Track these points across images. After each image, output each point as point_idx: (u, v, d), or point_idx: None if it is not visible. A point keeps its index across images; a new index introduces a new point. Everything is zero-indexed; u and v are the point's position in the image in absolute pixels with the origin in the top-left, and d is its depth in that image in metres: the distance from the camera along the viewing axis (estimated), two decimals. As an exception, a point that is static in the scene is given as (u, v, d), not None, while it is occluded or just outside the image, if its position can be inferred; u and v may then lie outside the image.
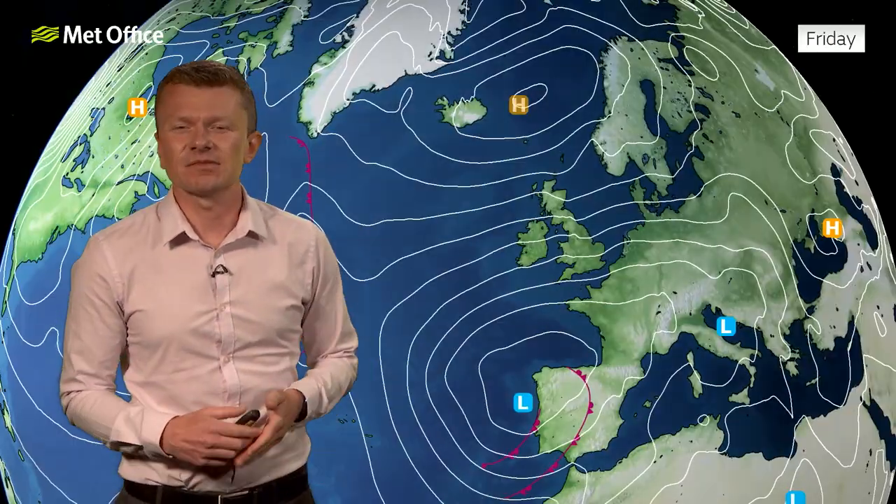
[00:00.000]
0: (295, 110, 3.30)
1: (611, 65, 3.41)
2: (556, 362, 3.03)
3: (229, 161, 1.50)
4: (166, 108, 1.49)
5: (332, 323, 1.72)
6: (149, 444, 1.47)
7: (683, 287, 3.06)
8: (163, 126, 1.50)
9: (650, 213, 3.08)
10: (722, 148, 3.43)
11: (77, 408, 1.53)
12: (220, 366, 1.52)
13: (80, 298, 1.51)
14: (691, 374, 3.07)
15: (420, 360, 3.01)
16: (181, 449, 1.44)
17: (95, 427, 1.52)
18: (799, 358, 3.35)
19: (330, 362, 1.74)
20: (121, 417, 1.48)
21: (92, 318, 1.50)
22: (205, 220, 1.53)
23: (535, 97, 3.28)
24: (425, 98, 3.24)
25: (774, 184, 3.47)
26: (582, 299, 3.06)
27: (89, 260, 1.52)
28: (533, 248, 2.98)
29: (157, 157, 3.49)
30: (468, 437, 3.06)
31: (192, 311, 1.50)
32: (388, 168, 3.09)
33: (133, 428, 1.47)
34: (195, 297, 1.51)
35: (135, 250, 1.50)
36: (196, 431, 1.43)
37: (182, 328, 1.50)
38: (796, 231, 3.49)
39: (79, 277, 1.53)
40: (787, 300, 3.37)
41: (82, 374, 1.52)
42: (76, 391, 1.53)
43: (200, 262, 1.52)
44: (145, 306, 1.49)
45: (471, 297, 3.00)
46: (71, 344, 1.53)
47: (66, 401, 1.54)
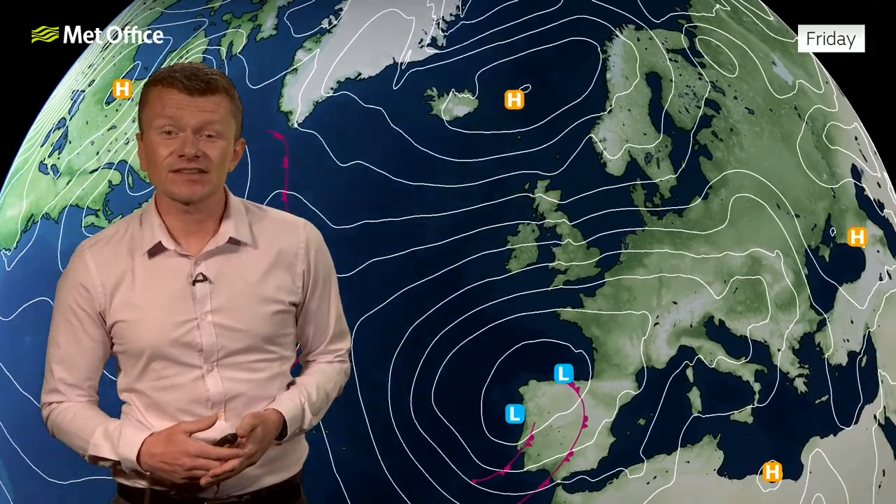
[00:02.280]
0: (275, 99, 3.10)
1: (615, 55, 3.19)
2: (544, 375, 2.83)
3: (216, 170, 1.49)
4: (153, 110, 1.46)
5: (324, 324, 1.69)
6: (126, 461, 1.47)
7: (685, 297, 2.87)
8: (148, 128, 1.47)
9: (651, 217, 2.88)
10: (732, 147, 3.21)
11: (57, 419, 1.53)
12: (204, 374, 1.52)
13: (63, 308, 1.51)
14: (690, 390, 2.88)
15: (399, 370, 2.82)
16: (158, 469, 1.45)
17: (74, 439, 1.53)
18: (808, 374, 3.14)
19: (319, 369, 1.70)
20: (99, 431, 1.49)
21: (74, 329, 1.51)
22: (187, 227, 1.52)
23: (532, 89, 3.06)
24: (413, 89, 3.04)
25: (788, 186, 3.25)
26: (574, 308, 2.87)
27: (73, 270, 1.52)
28: (523, 253, 2.79)
29: (133, 144, 3.39)
30: (450, 451, 2.88)
31: (171, 321, 1.50)
32: (369, 165, 2.88)
33: (110, 443, 1.48)
34: (175, 307, 1.50)
35: (117, 260, 1.50)
36: (174, 453, 1.43)
37: (162, 338, 1.49)
38: (810, 237, 3.27)
39: (62, 287, 1.53)
40: (798, 312, 3.15)
41: (63, 385, 1.52)
42: (56, 402, 1.53)
43: (180, 271, 1.51)
44: (126, 317, 1.50)
45: (454, 304, 2.81)
46: (52, 353, 1.54)
47: (47, 412, 1.55)
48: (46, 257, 3.32)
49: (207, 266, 1.52)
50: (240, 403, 1.54)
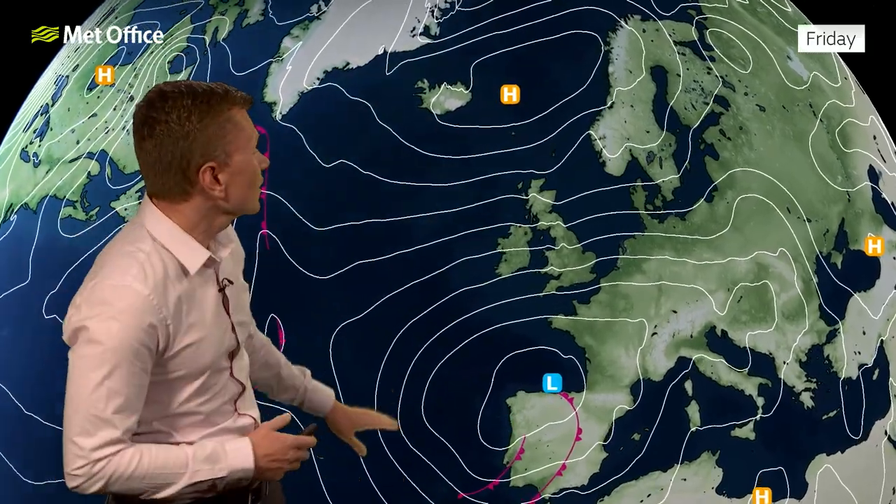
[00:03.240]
0: (259, 89, 2.96)
1: (618, 47, 3.02)
2: (534, 386, 2.69)
3: None
4: (243, 132, 1.46)
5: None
6: (240, 471, 1.51)
7: (685, 306, 2.72)
8: (242, 151, 1.46)
9: (651, 221, 2.74)
10: (741, 146, 3.04)
11: (125, 467, 1.44)
12: (231, 373, 1.57)
13: (123, 352, 1.41)
14: (688, 404, 2.73)
15: (385, 379, 2.68)
16: (269, 468, 1.53)
17: (158, 479, 1.47)
18: (816, 388, 2.97)
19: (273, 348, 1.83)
20: (193, 458, 1.48)
21: (136, 372, 1.43)
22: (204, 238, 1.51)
23: (529, 82, 2.90)
24: (403, 80, 2.89)
25: (800, 188, 3.09)
26: (567, 316, 2.72)
27: (129, 308, 1.41)
28: (514, 256, 2.65)
29: (112, 134, 3.27)
30: (438, 464, 2.74)
31: (220, 330, 1.53)
32: (354, 162, 2.74)
33: (214, 462, 1.49)
34: (219, 316, 1.53)
35: (167, 288, 1.45)
36: (282, 449, 1.53)
37: (219, 350, 1.53)
38: (822, 243, 3.10)
39: (118, 329, 1.40)
40: (807, 322, 2.98)
41: (126, 433, 1.45)
42: (112, 453, 1.44)
43: (211, 280, 1.52)
44: (192, 339, 1.48)
45: (441, 310, 2.66)
46: (108, 404, 1.42)
47: (103, 464, 1.43)
48: (24, 250, 3.20)
49: (223, 269, 1.55)
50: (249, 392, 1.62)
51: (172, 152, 1.41)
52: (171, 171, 1.43)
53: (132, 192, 3.06)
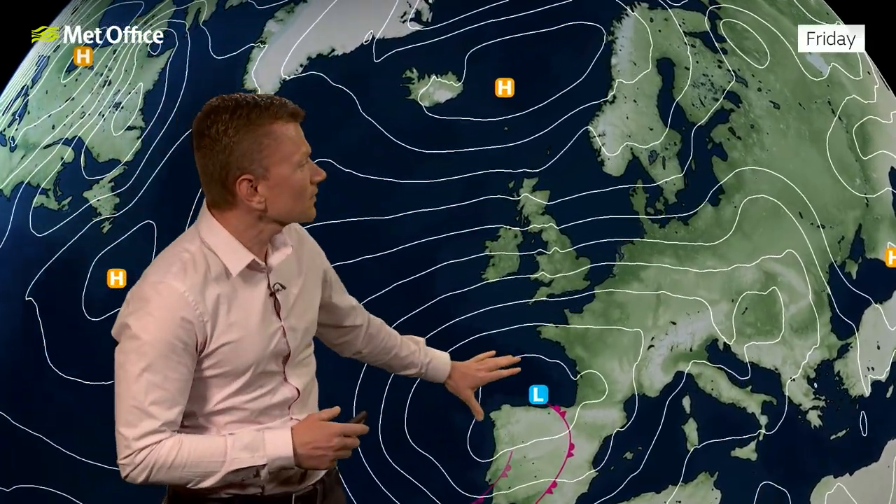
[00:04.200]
0: (240, 75, 2.79)
1: (623, 37, 2.83)
2: (519, 399, 2.52)
3: None
4: (288, 146, 1.49)
5: (344, 292, 1.80)
6: (279, 459, 1.52)
7: (685, 317, 2.58)
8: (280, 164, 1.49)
9: (652, 226, 2.58)
10: (751, 146, 2.86)
11: (165, 457, 1.50)
12: (286, 378, 1.59)
13: (160, 346, 1.48)
14: (686, 421, 2.56)
15: (365, 389, 2.53)
16: (311, 455, 1.53)
17: (198, 467, 1.52)
18: (824, 406, 2.79)
19: (388, 331, 1.89)
20: (232, 446, 1.52)
21: (175, 366, 1.49)
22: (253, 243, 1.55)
23: (525, 74, 2.72)
24: (391, 69, 2.71)
25: (814, 192, 2.91)
26: (557, 326, 2.55)
27: (165, 304, 1.49)
28: (502, 261, 2.51)
29: (87, 120, 3.12)
30: (419, 479, 2.59)
31: (266, 333, 1.55)
32: (335, 155, 2.57)
33: (254, 451, 1.52)
34: (266, 319, 1.55)
35: (207, 286, 1.51)
36: (325, 436, 1.53)
37: (263, 352, 1.54)
38: (836, 251, 2.91)
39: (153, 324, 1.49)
40: (817, 336, 2.80)
41: (166, 425, 1.50)
42: (155, 442, 1.50)
43: (261, 283, 1.55)
44: (231, 337, 1.52)
45: (423, 315, 2.51)
46: (147, 396, 1.49)
47: (145, 454, 1.50)
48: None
49: (277, 274, 1.57)
50: (305, 398, 1.63)
51: (213, 164, 1.48)
52: (214, 182, 1.50)
53: (105, 183, 2.92)
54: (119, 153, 2.94)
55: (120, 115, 2.99)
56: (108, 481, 2.63)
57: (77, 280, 2.91)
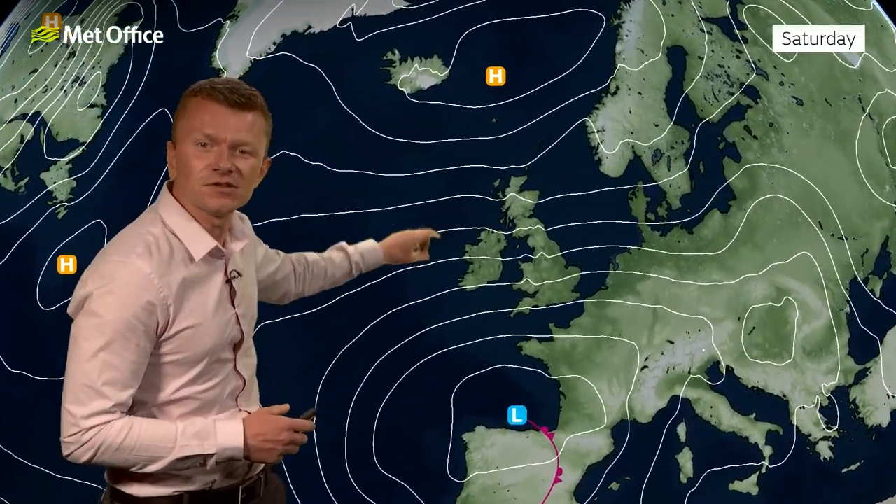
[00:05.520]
0: (208, 52, 2.56)
1: (631, 21, 2.57)
2: (496, 420, 2.29)
3: (246, 186, 1.55)
4: (192, 122, 1.51)
5: (276, 258, 1.84)
6: (228, 449, 1.54)
7: (685, 336, 2.37)
8: (184, 139, 1.53)
9: (652, 233, 2.37)
10: (769, 146, 2.60)
11: (113, 437, 1.49)
12: (236, 366, 1.60)
13: (119, 326, 1.47)
14: (680, 451, 2.32)
15: (322, 403, 2.32)
16: (261, 448, 1.55)
17: (146, 451, 1.51)
18: (837, 437, 2.53)
19: (312, 258, 1.92)
20: (182, 433, 1.52)
21: (131, 346, 1.49)
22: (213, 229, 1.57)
23: (519, 60, 2.46)
24: (371, 50, 2.46)
25: (838, 199, 2.69)
26: (541, 341, 2.33)
27: (128, 285, 1.49)
28: (483, 267, 2.33)
29: (50, 95, 2.91)
30: (380, 501, 2.38)
31: (223, 319, 1.57)
32: (303, 142, 2.34)
33: (203, 439, 1.53)
34: (222, 305, 1.58)
35: (170, 270, 1.52)
36: (275, 430, 1.55)
37: (220, 338, 1.56)
38: (860, 266, 2.64)
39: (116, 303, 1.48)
40: (833, 359, 2.54)
41: (117, 406, 1.49)
42: (104, 422, 1.49)
43: (219, 270, 1.57)
44: (191, 322, 1.53)
45: (390, 322, 2.27)
46: (101, 375, 1.49)
47: (93, 434, 1.49)
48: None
49: (233, 262, 1.60)
50: (250, 389, 1.64)
51: None
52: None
53: (63, 164, 2.72)
54: (79, 132, 2.73)
55: (83, 91, 2.78)
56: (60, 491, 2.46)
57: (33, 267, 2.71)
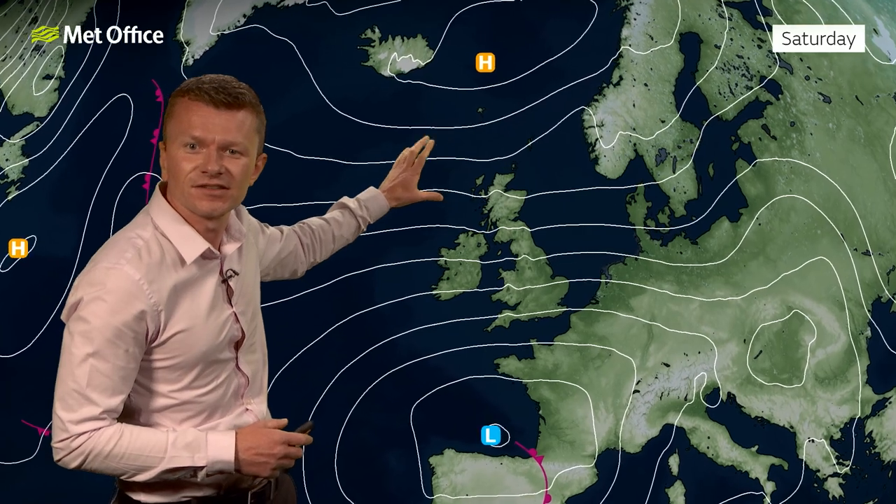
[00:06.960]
0: (172, 23, 2.33)
1: (641, 2, 2.33)
2: (467, 444, 2.07)
3: (238, 187, 1.52)
4: (180, 124, 1.50)
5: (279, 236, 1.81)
6: (219, 462, 1.52)
7: (683, 358, 2.16)
8: (173, 141, 1.52)
9: (651, 242, 2.17)
10: (789, 148, 2.40)
11: (103, 445, 1.50)
12: (238, 365, 1.59)
13: (108, 332, 1.48)
14: (671, 485, 2.12)
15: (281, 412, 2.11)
16: (253, 462, 1.54)
17: (134, 460, 1.51)
18: (848, 473, 2.29)
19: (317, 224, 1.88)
20: (173, 444, 1.52)
21: (121, 354, 1.49)
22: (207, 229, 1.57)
23: (512, 44, 2.23)
24: (348, 27, 2.23)
25: (865, 209, 2.55)
26: (521, 359, 2.10)
27: (117, 291, 1.49)
28: (460, 273, 2.20)
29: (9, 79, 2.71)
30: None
31: (218, 321, 1.56)
32: (270, 126, 2.11)
33: (194, 451, 1.52)
34: (218, 307, 1.56)
35: (161, 274, 1.52)
36: (268, 443, 1.55)
37: (214, 341, 1.55)
38: (884, 284, 2.38)
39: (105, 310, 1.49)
40: (849, 388, 2.31)
41: (107, 413, 1.50)
42: (93, 429, 1.50)
43: (213, 271, 1.57)
44: (183, 326, 1.52)
45: (354, 325, 2.06)
46: (90, 381, 1.50)
47: (83, 440, 1.50)
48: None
49: (228, 261, 1.59)
50: (255, 384, 1.64)
51: None
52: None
53: (17, 139, 2.52)
54: (34, 107, 2.52)
55: (41, 60, 2.57)
56: None
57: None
